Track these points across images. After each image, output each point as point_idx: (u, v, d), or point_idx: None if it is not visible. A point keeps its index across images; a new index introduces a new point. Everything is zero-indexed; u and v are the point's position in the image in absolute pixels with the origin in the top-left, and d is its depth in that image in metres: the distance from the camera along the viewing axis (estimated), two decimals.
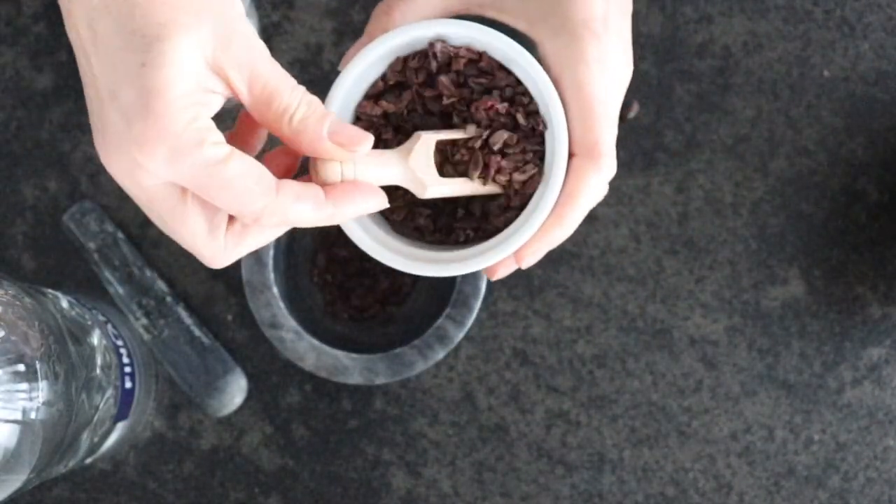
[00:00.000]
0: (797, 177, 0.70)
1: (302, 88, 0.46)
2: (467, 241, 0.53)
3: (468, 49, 0.52)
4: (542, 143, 0.52)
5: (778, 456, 0.70)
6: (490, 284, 0.69)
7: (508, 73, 0.52)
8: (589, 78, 0.50)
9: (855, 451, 0.70)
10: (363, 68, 0.52)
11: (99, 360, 0.57)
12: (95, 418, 0.56)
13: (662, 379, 0.70)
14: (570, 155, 0.51)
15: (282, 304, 0.64)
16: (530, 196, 0.52)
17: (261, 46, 0.45)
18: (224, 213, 0.45)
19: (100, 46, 0.42)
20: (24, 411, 0.48)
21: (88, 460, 0.62)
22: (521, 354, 0.70)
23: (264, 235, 0.47)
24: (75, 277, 0.69)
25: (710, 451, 0.70)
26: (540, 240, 0.51)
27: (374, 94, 0.53)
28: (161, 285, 0.69)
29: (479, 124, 0.52)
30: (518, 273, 0.69)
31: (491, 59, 0.52)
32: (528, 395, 0.69)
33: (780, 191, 0.70)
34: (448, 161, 0.52)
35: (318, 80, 0.70)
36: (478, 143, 0.51)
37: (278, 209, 0.44)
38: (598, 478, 0.69)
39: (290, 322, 0.64)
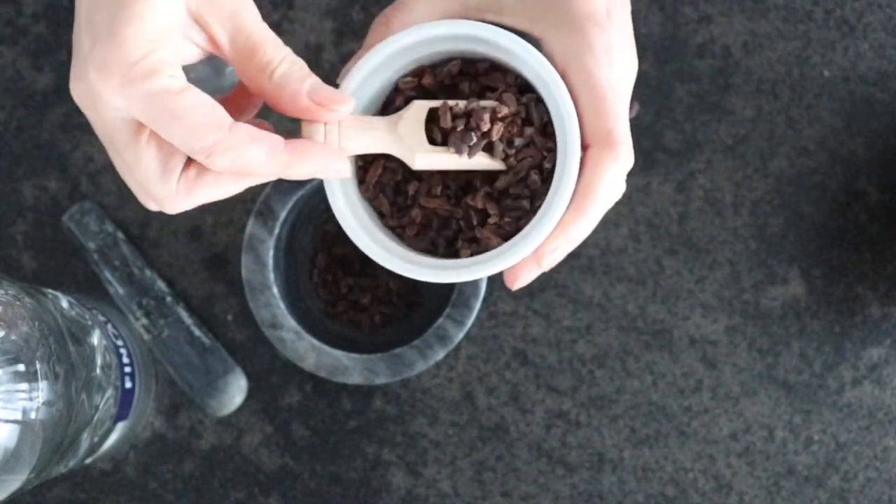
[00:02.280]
0: (797, 177, 0.70)
1: (288, 49, 0.46)
2: (467, 256, 0.52)
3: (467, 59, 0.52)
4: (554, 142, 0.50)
5: (778, 456, 0.70)
6: (490, 285, 0.69)
7: (514, 75, 0.51)
8: (597, 66, 0.50)
9: (855, 451, 0.70)
10: (365, 75, 0.51)
11: (99, 360, 0.57)
12: (95, 418, 0.56)
13: (662, 379, 0.70)
14: (585, 147, 0.50)
15: (282, 304, 0.64)
16: (516, 211, 0.51)
17: (250, 3, 0.45)
18: (180, 156, 0.45)
19: None
20: (24, 411, 0.48)
21: (88, 460, 0.62)
22: (521, 354, 0.70)
23: (219, 184, 0.46)
24: (75, 277, 0.69)
25: (710, 451, 0.70)
26: (560, 236, 0.50)
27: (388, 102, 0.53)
28: (161, 285, 0.69)
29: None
30: None
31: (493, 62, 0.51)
32: (528, 395, 0.69)
33: (780, 191, 0.70)
34: (439, 129, 0.51)
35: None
36: (472, 106, 0.50)
37: (231, 145, 0.43)
38: (598, 478, 0.69)
39: (290, 322, 0.64)
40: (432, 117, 0.50)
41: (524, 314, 0.70)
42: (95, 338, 0.58)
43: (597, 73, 0.49)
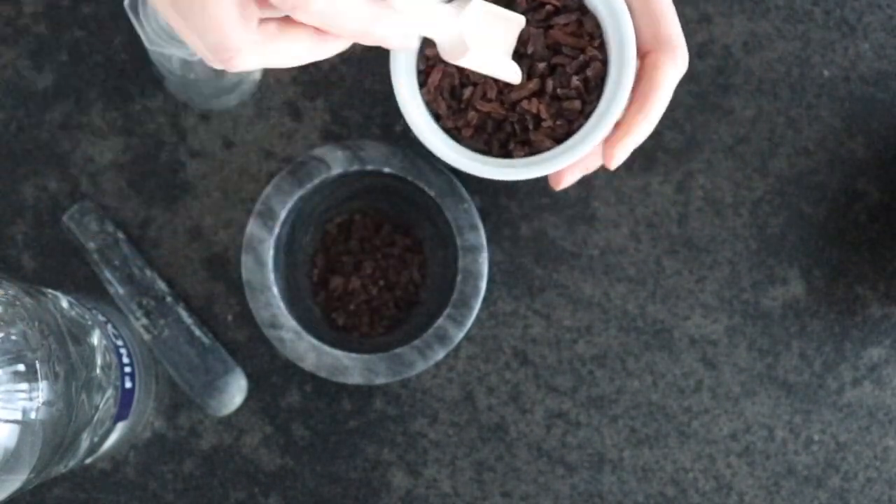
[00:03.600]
0: (797, 177, 0.70)
1: None
2: (521, 157, 0.57)
3: None
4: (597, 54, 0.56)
5: (778, 456, 0.70)
6: (490, 285, 0.69)
7: None
8: None
9: (855, 451, 0.70)
10: None
11: (99, 360, 0.57)
12: (95, 418, 0.56)
13: (662, 379, 0.70)
14: (644, 54, 0.54)
15: (282, 304, 0.64)
16: (568, 115, 0.56)
17: None
18: (255, 9, 0.43)
19: None
20: (24, 411, 0.48)
21: (88, 460, 0.62)
22: (521, 354, 0.70)
23: (296, 42, 0.44)
24: (75, 277, 0.69)
25: (710, 451, 0.70)
26: (627, 133, 0.54)
27: None
28: (161, 285, 0.69)
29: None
30: (518, 273, 0.69)
31: None
32: (528, 395, 0.69)
33: (780, 191, 0.70)
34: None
35: (318, 80, 0.70)
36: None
37: None
38: (598, 478, 0.69)
39: (290, 322, 0.64)
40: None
41: (524, 314, 0.70)
42: (95, 338, 0.58)
43: None
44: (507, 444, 0.69)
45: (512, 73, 0.54)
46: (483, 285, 0.64)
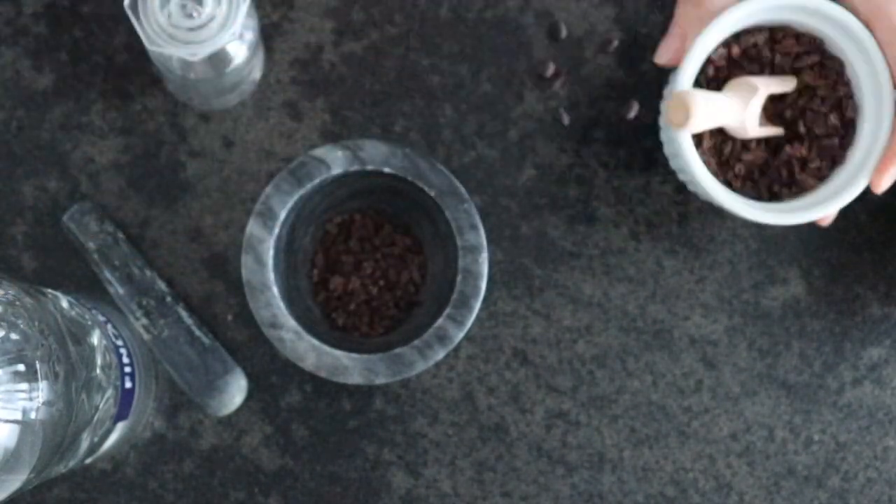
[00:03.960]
0: None
1: None
2: (789, 198, 0.63)
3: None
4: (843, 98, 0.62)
5: (778, 456, 0.70)
6: (490, 285, 0.69)
7: (808, 38, 0.62)
8: None
9: (855, 451, 0.70)
10: (699, 56, 0.60)
11: (99, 360, 0.57)
12: (95, 418, 0.56)
13: (662, 379, 0.70)
14: None
15: (282, 304, 0.64)
16: (830, 152, 0.62)
17: None
18: None
19: None
20: (24, 411, 0.48)
21: (88, 460, 0.62)
22: (521, 354, 0.70)
23: None
24: (75, 277, 0.69)
25: (710, 451, 0.70)
26: (893, 165, 0.60)
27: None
28: (161, 285, 0.69)
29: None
30: (518, 273, 0.69)
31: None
32: (528, 395, 0.69)
33: None
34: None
35: (318, 80, 0.70)
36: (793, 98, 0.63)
37: None
38: (598, 478, 0.69)
39: (290, 322, 0.64)
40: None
41: (524, 314, 0.70)
42: (95, 338, 0.58)
43: None
44: (507, 444, 0.69)
45: (776, 130, 0.61)
46: (483, 285, 0.64)
